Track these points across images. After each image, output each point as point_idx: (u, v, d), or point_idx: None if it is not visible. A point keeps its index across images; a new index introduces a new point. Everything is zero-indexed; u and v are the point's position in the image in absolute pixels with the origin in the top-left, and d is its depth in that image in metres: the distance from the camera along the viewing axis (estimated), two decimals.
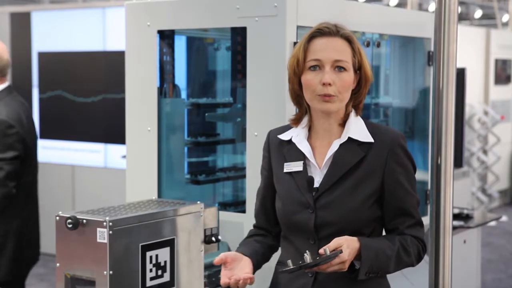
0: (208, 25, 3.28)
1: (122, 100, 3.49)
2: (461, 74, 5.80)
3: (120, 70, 3.61)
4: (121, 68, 3.44)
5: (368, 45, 3.53)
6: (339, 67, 2.28)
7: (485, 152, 9.94)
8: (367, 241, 2.25)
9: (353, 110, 2.37)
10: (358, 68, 2.34)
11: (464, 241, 4.56)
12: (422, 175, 3.94)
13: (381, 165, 2.30)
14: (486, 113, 9.82)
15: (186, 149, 3.49)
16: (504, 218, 9.01)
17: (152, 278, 2.57)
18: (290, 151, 2.38)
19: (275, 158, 2.42)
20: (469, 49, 9.32)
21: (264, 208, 2.49)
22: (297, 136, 2.38)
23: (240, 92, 3.29)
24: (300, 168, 2.34)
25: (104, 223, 2.41)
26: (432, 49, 3.68)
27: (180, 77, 3.53)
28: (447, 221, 2.26)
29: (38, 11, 7.54)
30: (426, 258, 3.35)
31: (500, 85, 10.16)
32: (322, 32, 2.32)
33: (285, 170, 2.37)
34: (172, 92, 3.41)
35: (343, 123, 2.35)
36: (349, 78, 2.29)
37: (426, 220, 3.73)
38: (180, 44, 3.55)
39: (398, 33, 3.74)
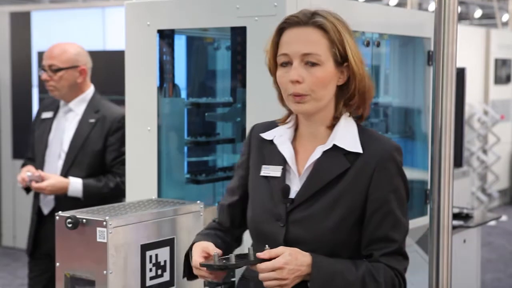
0: (208, 25, 3.28)
1: (122, 100, 3.49)
2: (461, 73, 5.80)
3: (120, 70, 3.61)
4: (121, 67, 3.44)
5: (368, 44, 3.53)
6: (310, 62, 1.98)
7: (485, 151, 9.94)
8: (323, 259, 1.94)
9: (345, 112, 2.07)
10: (345, 60, 2.02)
11: (464, 241, 4.56)
12: (422, 175, 3.94)
13: (366, 179, 1.98)
14: (486, 112, 9.82)
15: (186, 148, 3.49)
16: (503, 218, 9.01)
17: (152, 278, 2.57)
18: (271, 152, 2.09)
19: (254, 158, 2.14)
20: (469, 49, 9.31)
21: (231, 209, 2.22)
22: (281, 136, 2.10)
23: (239, 92, 3.29)
24: (278, 174, 2.05)
25: (104, 223, 2.41)
26: (432, 48, 3.68)
27: (180, 77, 3.53)
28: (447, 221, 2.26)
29: (38, 10, 7.54)
30: (426, 257, 3.36)
31: (500, 85, 10.16)
32: (290, 22, 2.02)
33: (261, 173, 2.09)
34: (172, 91, 3.41)
35: (332, 126, 2.06)
36: (323, 73, 1.97)
37: (426, 220, 3.75)
38: (180, 44, 3.54)
39: (398, 32, 3.74)
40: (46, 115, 3.89)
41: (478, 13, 12.66)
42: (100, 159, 3.71)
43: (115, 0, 7.37)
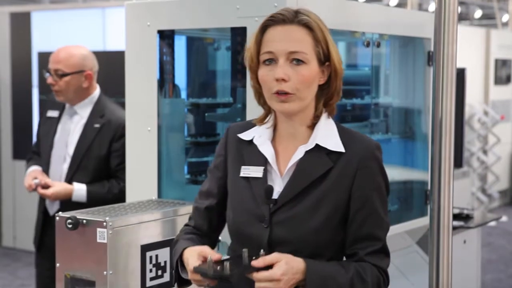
0: (208, 25, 3.28)
1: (122, 101, 3.50)
2: (461, 74, 5.80)
3: (120, 70, 3.61)
4: (121, 68, 3.44)
5: (368, 45, 3.53)
6: (296, 60, 1.96)
7: (485, 152, 9.94)
8: (314, 264, 1.93)
9: (324, 112, 2.06)
10: (327, 59, 2.01)
11: (464, 241, 4.56)
12: (422, 175, 3.94)
13: (349, 178, 1.98)
14: (486, 113, 9.81)
15: (186, 149, 3.49)
16: (504, 218, 9.00)
17: (152, 278, 2.57)
18: (251, 153, 2.06)
19: (232, 159, 2.10)
20: (469, 49, 9.31)
21: (208, 212, 2.16)
22: (260, 137, 2.07)
23: (240, 92, 3.29)
24: (260, 175, 2.02)
25: (104, 223, 2.41)
26: (432, 49, 3.68)
27: (180, 77, 3.53)
28: (447, 221, 2.26)
29: (38, 11, 7.54)
30: (426, 258, 3.36)
31: (500, 85, 10.16)
32: (275, 20, 2.00)
33: (241, 174, 2.05)
34: (172, 92, 3.41)
35: (312, 126, 2.04)
36: (308, 72, 1.96)
37: (426, 220, 3.75)
38: (180, 44, 3.55)
39: (398, 33, 3.74)
40: (52, 113, 3.90)
41: (478, 13, 12.66)
42: (105, 164, 3.73)
43: (115, 0, 7.37)
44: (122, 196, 3.61)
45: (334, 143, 2.01)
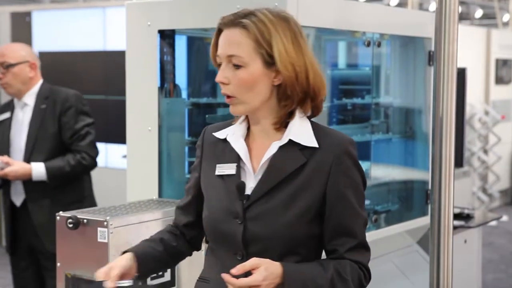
0: (208, 25, 3.28)
1: (123, 101, 3.50)
2: (461, 73, 5.80)
3: (120, 70, 3.62)
4: (122, 68, 3.44)
5: (368, 44, 3.53)
6: (234, 64, 1.96)
7: (485, 151, 9.94)
8: (293, 267, 1.92)
9: (298, 111, 2.01)
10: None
11: (465, 241, 4.56)
12: (423, 175, 3.94)
13: (324, 174, 1.97)
14: (486, 112, 9.81)
15: (186, 149, 3.49)
16: (504, 218, 9.00)
17: (152, 278, 2.57)
18: (224, 151, 2.06)
19: (207, 159, 2.10)
20: (470, 49, 9.31)
21: (184, 209, 2.19)
22: (233, 134, 2.06)
23: None
24: (233, 172, 2.02)
25: (105, 223, 2.41)
26: (432, 48, 3.68)
27: (181, 77, 3.53)
28: (448, 221, 2.26)
29: (38, 11, 7.55)
30: (427, 258, 3.35)
31: (500, 85, 10.16)
32: (222, 23, 2.03)
33: (216, 173, 2.05)
34: (173, 92, 3.41)
35: (281, 126, 2.02)
36: (246, 75, 1.94)
37: (426, 220, 3.75)
38: (181, 44, 3.55)
39: (398, 33, 3.74)
40: (4, 116, 4.04)
41: (478, 13, 12.66)
42: (59, 141, 3.86)
43: (115, 0, 7.37)
44: (82, 167, 3.81)
45: (307, 138, 1.99)
